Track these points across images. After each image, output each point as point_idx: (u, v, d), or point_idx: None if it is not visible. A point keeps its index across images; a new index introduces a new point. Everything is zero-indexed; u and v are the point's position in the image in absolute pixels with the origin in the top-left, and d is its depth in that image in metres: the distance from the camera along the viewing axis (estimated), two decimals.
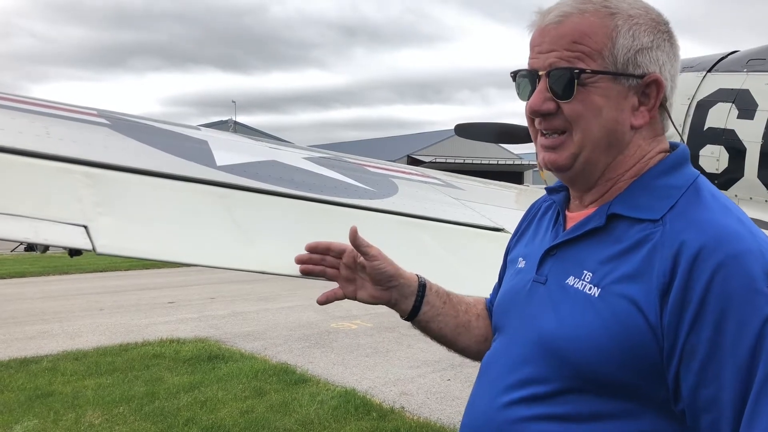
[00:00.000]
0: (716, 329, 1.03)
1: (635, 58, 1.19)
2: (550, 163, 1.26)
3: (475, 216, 2.53)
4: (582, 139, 1.21)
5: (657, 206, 1.17)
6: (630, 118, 1.21)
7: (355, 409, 5.73)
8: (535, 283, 1.30)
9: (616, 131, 1.21)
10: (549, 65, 1.21)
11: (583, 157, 1.22)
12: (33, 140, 1.81)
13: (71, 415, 5.61)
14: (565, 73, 1.19)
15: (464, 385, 6.57)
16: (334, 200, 2.12)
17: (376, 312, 10.43)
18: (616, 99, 1.19)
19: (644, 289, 1.09)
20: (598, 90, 1.19)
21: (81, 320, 9.90)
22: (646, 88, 1.21)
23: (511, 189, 4.23)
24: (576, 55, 1.19)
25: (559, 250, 1.28)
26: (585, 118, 1.20)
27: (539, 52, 1.23)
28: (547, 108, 1.22)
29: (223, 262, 1.65)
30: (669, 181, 1.20)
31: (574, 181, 1.30)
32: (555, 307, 1.22)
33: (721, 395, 1.04)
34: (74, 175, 1.64)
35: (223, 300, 11.78)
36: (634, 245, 1.14)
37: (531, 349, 1.23)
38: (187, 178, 1.88)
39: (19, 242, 2.51)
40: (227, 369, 7.04)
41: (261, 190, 2.00)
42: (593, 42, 1.18)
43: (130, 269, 16.18)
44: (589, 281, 1.17)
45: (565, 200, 1.37)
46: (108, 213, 1.53)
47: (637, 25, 1.20)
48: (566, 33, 1.20)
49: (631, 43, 1.19)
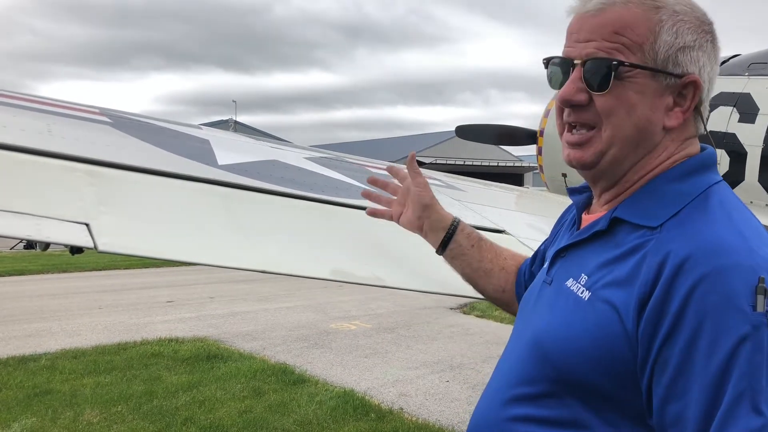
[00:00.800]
0: (689, 344, 1.00)
1: (676, 57, 1.14)
2: (576, 161, 1.23)
3: (476, 218, 2.53)
4: (612, 135, 1.17)
5: (660, 213, 1.13)
6: (663, 118, 1.17)
7: (354, 410, 5.73)
8: (544, 284, 1.30)
9: (647, 130, 1.17)
10: (586, 55, 1.16)
11: (611, 155, 1.19)
12: (35, 138, 1.81)
13: (69, 413, 5.60)
14: (603, 64, 1.14)
15: (463, 387, 6.57)
16: (334, 200, 2.12)
17: (375, 313, 10.44)
18: (652, 97, 1.15)
19: (627, 296, 1.08)
20: (635, 85, 1.14)
21: (80, 319, 9.89)
22: (683, 88, 1.16)
23: (512, 191, 4.23)
24: (615, 46, 1.14)
25: (568, 252, 1.27)
26: (617, 113, 1.16)
27: (576, 41, 1.18)
28: (578, 99, 1.18)
29: (223, 261, 1.65)
30: (680, 186, 1.16)
31: (597, 180, 1.26)
32: (551, 308, 1.22)
33: (687, 413, 1.00)
34: (76, 173, 1.64)
35: (222, 299, 11.77)
36: (630, 251, 1.12)
37: (526, 348, 1.23)
38: (188, 177, 1.88)
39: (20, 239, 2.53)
40: (226, 369, 7.04)
41: (262, 189, 2.00)
42: (635, 34, 1.14)
43: (130, 268, 16.17)
44: (583, 284, 1.16)
45: (585, 201, 1.36)
46: (110, 211, 1.53)
47: (681, 21, 1.15)
48: (607, 22, 1.15)
49: (673, 40, 1.14)
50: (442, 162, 39.55)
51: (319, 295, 12.08)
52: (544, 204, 3.97)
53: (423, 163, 36.23)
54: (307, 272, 1.69)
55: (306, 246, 1.75)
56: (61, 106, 2.44)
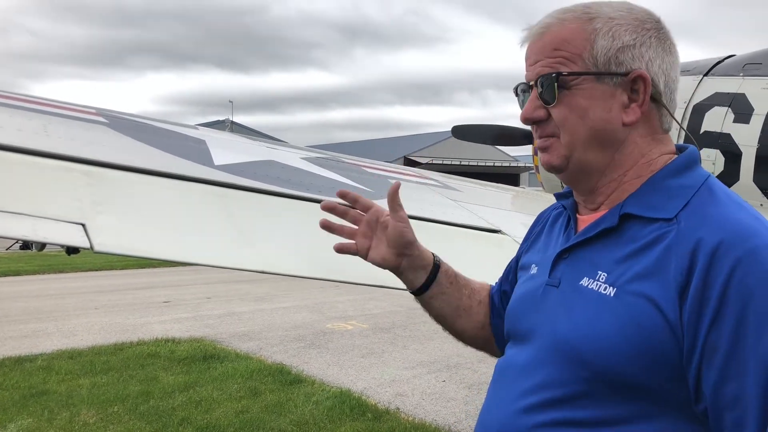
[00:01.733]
0: (738, 324, 1.03)
1: (617, 57, 1.21)
2: (545, 164, 1.31)
3: (472, 218, 2.54)
4: (570, 141, 1.24)
5: (670, 205, 1.17)
6: (621, 116, 1.22)
7: (350, 410, 5.73)
8: (548, 286, 1.29)
9: (606, 130, 1.23)
10: (536, 74, 1.25)
11: (576, 158, 1.25)
12: (32, 138, 1.81)
13: (65, 414, 5.60)
14: (549, 78, 1.23)
15: (459, 387, 6.58)
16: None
17: (372, 313, 10.44)
18: (602, 98, 1.22)
19: (661, 287, 1.09)
20: (583, 92, 1.22)
21: (76, 319, 9.88)
22: (633, 84, 1.22)
23: (508, 191, 4.24)
24: (557, 60, 1.23)
25: (571, 253, 1.28)
26: (570, 120, 1.23)
27: (529, 65, 1.28)
28: (537, 115, 1.27)
29: (220, 261, 1.65)
30: (681, 181, 1.21)
31: (575, 182, 1.32)
32: (569, 308, 1.21)
33: (746, 391, 1.03)
34: (73, 173, 1.64)
35: (218, 300, 11.76)
36: (648, 244, 1.15)
37: (546, 352, 1.22)
38: (185, 177, 1.88)
39: (16, 240, 2.52)
40: (222, 369, 7.04)
41: (259, 189, 2.01)
42: (572, 46, 1.22)
43: (126, 268, 16.15)
44: (604, 281, 1.17)
45: (575, 204, 1.37)
46: (106, 211, 1.53)
47: (617, 25, 1.22)
48: (548, 42, 1.25)
49: (611, 42, 1.21)
50: (438, 162, 39.61)
51: (316, 295, 12.08)
52: (540, 204, 3.97)
53: (419, 163, 36.28)
54: (304, 272, 1.69)
55: (302, 246, 1.75)
56: (57, 106, 2.44)
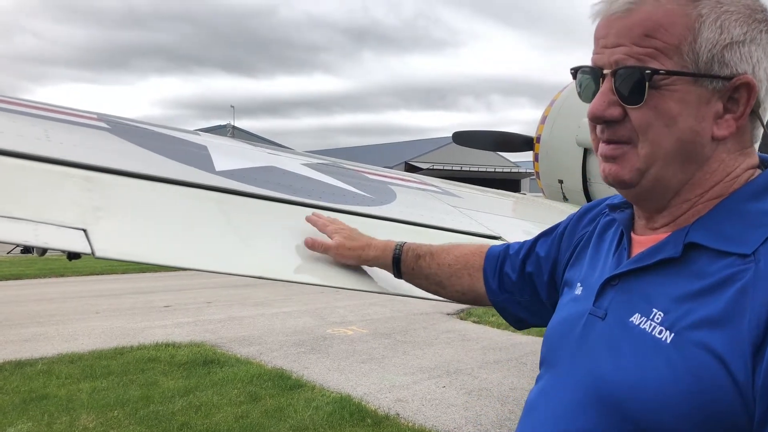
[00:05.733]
0: None
1: (722, 55, 0.99)
2: (612, 177, 1.08)
3: (473, 224, 2.54)
4: (650, 153, 1.03)
5: (748, 237, 0.97)
6: (712, 128, 1.01)
7: (350, 416, 5.72)
8: (591, 316, 1.11)
9: (694, 143, 1.02)
10: (615, 62, 1.02)
11: (653, 174, 1.04)
12: (33, 144, 1.81)
13: (65, 418, 5.59)
14: (634, 73, 1.00)
15: (459, 392, 6.57)
16: (331, 207, 2.12)
17: (372, 318, 10.44)
18: (696, 105, 1.00)
19: (731, 339, 0.91)
20: (674, 94, 0.99)
21: (77, 323, 9.87)
22: (734, 92, 1.00)
23: (508, 197, 4.24)
24: (648, 51, 0.99)
25: (621, 281, 1.09)
26: (655, 127, 1.01)
27: (604, 46, 1.04)
28: (611, 114, 1.04)
29: (221, 267, 1.65)
30: (763, 206, 1.01)
31: (642, 200, 1.11)
32: (615, 348, 1.03)
33: None
34: (74, 178, 1.65)
35: (219, 304, 11.76)
36: (718, 284, 0.95)
37: (584, 395, 1.05)
38: (186, 182, 1.88)
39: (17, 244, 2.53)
40: (222, 374, 7.03)
41: (259, 195, 2.01)
42: (669, 35, 0.99)
43: (127, 272, 16.16)
44: (660, 323, 0.98)
45: (630, 220, 1.18)
46: (107, 217, 1.54)
47: (727, 13, 0.99)
48: (636, 23, 1.00)
49: (717, 36, 0.98)
50: (439, 168, 39.64)
51: (316, 300, 12.07)
52: (541, 210, 3.98)
53: (420, 169, 36.30)
54: (304, 279, 1.70)
55: (303, 252, 1.75)
56: (58, 111, 2.45)
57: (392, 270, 1.72)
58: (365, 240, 1.75)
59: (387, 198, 2.56)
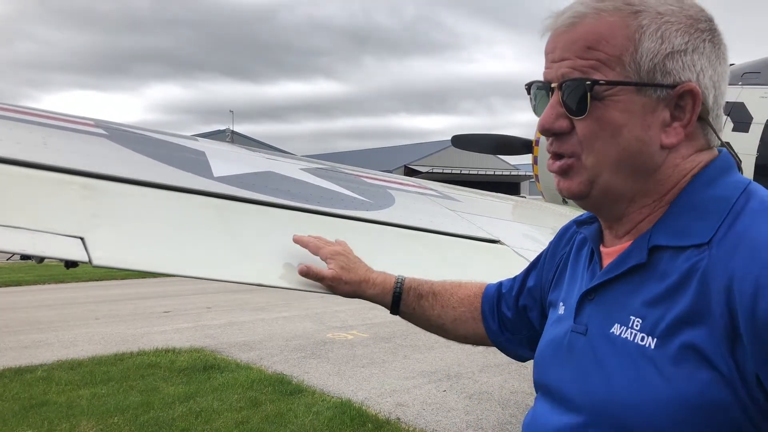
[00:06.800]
0: None
1: (664, 64, 1.00)
2: (564, 190, 1.10)
3: (472, 228, 2.54)
4: (596, 162, 1.04)
5: (702, 227, 0.98)
6: (660, 136, 1.03)
7: (351, 420, 5.71)
8: (574, 333, 1.12)
9: (641, 152, 1.03)
10: (561, 76, 1.04)
11: (601, 184, 1.06)
12: (31, 151, 1.81)
13: (65, 425, 5.58)
14: (579, 86, 1.01)
15: (460, 397, 6.56)
16: (330, 212, 2.12)
17: (372, 323, 10.42)
18: (641, 114, 1.01)
19: (707, 332, 0.92)
20: (618, 104, 1.01)
21: (76, 329, 9.86)
22: (679, 99, 1.02)
23: (508, 200, 4.24)
24: (591, 63, 1.01)
25: (597, 294, 1.10)
26: (600, 138, 1.03)
27: (552, 61, 1.07)
28: (559, 126, 1.06)
29: (219, 275, 1.65)
30: (713, 192, 1.02)
31: (598, 210, 1.14)
32: (601, 363, 1.03)
33: None
34: (71, 186, 1.64)
35: (219, 310, 11.75)
36: (682, 280, 0.97)
37: (579, 417, 1.05)
38: (184, 189, 1.88)
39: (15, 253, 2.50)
40: (223, 379, 7.02)
41: (258, 201, 2.00)
42: (611, 46, 1.01)
43: (126, 278, 16.14)
44: (639, 329, 0.99)
45: (597, 233, 1.18)
46: (105, 224, 1.53)
47: (668, 23, 1.01)
48: (579, 37, 1.03)
49: (658, 46, 1.00)
50: (438, 171, 39.69)
51: (316, 304, 12.06)
52: (540, 213, 3.98)
53: (419, 172, 36.31)
54: (303, 285, 1.69)
55: (301, 258, 1.74)
56: (56, 118, 2.44)
57: (390, 308, 1.65)
58: (362, 273, 1.65)
59: (385, 202, 2.56)
